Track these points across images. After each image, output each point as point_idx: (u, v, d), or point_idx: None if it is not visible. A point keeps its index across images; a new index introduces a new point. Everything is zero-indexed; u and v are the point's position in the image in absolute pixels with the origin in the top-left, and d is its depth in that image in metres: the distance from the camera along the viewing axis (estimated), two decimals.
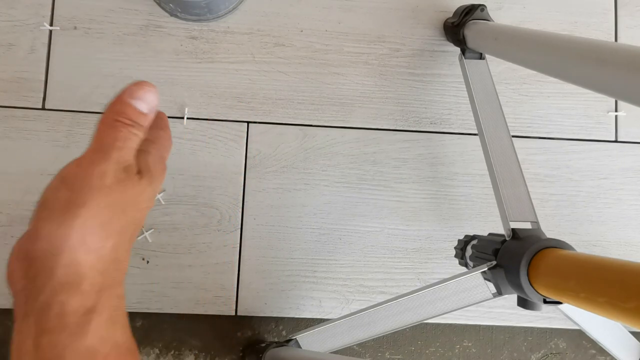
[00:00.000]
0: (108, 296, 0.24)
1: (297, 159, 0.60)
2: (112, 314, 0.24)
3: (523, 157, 0.62)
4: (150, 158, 0.27)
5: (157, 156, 0.28)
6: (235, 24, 0.60)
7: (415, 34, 0.62)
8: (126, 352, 0.24)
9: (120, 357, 0.24)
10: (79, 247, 0.22)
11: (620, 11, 0.65)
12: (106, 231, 0.23)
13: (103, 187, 0.23)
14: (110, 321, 0.23)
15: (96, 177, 0.23)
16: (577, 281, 0.32)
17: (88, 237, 0.23)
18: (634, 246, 0.63)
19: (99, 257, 0.23)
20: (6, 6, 0.57)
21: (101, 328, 0.23)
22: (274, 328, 0.59)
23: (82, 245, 0.22)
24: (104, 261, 0.23)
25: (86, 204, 0.22)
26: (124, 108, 0.25)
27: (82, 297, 0.22)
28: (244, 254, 0.58)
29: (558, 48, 0.38)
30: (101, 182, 0.23)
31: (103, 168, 0.23)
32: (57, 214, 0.22)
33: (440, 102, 0.62)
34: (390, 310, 0.46)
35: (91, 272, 0.23)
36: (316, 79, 0.61)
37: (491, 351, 0.62)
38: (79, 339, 0.22)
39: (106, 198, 0.23)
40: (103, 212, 0.23)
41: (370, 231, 0.60)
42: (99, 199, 0.23)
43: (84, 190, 0.23)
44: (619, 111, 0.64)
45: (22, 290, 0.23)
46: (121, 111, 0.25)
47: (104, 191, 0.23)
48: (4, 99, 0.56)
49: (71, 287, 0.22)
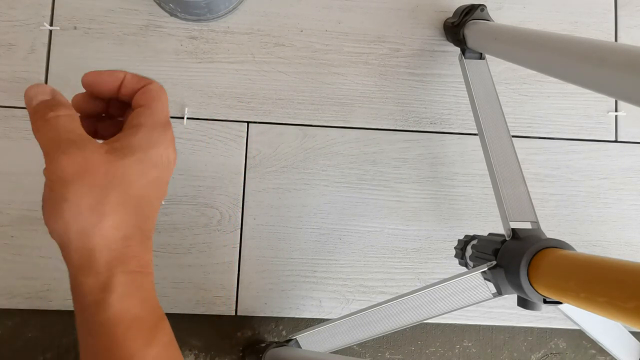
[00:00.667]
0: (121, 272, 0.25)
1: (297, 159, 0.60)
2: (126, 289, 0.25)
3: (523, 157, 0.62)
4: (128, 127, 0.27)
5: (138, 121, 0.28)
6: (235, 24, 0.60)
7: (415, 34, 0.62)
8: (149, 324, 0.26)
9: (143, 328, 0.25)
10: (79, 234, 0.24)
11: (620, 11, 0.65)
12: (98, 214, 0.24)
13: (69, 177, 0.24)
14: (126, 296, 0.25)
15: (60, 171, 0.24)
16: (577, 281, 0.32)
17: (82, 225, 0.24)
18: (634, 246, 0.63)
19: (102, 237, 0.25)
20: (6, 6, 0.57)
21: (117, 303, 0.24)
22: (274, 328, 0.59)
23: (81, 233, 0.24)
24: (109, 241, 0.25)
25: (67, 199, 0.24)
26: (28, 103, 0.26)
27: (95, 277, 0.24)
28: (244, 254, 0.58)
29: (558, 48, 0.38)
30: (64, 173, 0.24)
31: (57, 163, 0.24)
32: (48, 213, 0.24)
33: (440, 102, 0.62)
34: (390, 310, 0.46)
35: (99, 253, 0.24)
36: (316, 79, 0.61)
37: (491, 351, 0.62)
38: (98, 315, 0.24)
39: (81, 187, 0.24)
40: (85, 199, 0.24)
41: (370, 231, 0.60)
42: (74, 189, 0.24)
43: (60, 187, 0.24)
44: (619, 111, 0.64)
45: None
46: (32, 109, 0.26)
47: (75, 180, 0.24)
48: (4, 99, 0.56)
49: (85, 269, 0.24)
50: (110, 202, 0.25)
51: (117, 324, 0.24)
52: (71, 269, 0.25)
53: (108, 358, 0.24)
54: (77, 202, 0.24)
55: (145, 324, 0.26)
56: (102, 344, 0.25)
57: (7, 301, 0.55)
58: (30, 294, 0.55)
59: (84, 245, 0.24)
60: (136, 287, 0.26)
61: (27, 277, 0.55)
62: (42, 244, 0.55)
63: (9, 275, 0.55)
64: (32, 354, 0.56)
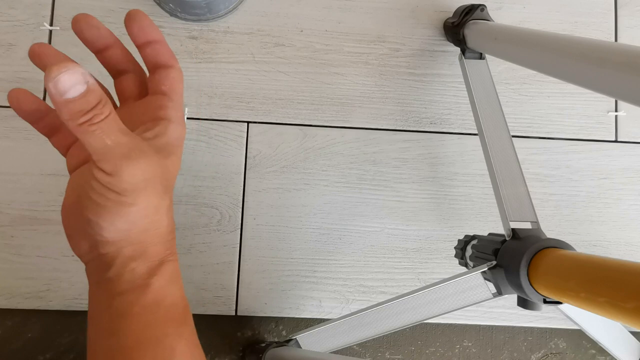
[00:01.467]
0: (167, 262, 0.28)
1: (297, 159, 0.60)
2: (169, 276, 0.28)
3: (523, 157, 0.62)
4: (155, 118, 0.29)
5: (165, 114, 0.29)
6: (235, 24, 0.60)
7: (415, 34, 0.62)
8: (182, 310, 0.29)
9: (177, 313, 0.28)
10: (140, 233, 0.26)
11: (620, 11, 0.65)
12: (159, 214, 0.27)
13: (139, 184, 0.25)
14: (169, 282, 0.28)
15: (128, 179, 0.24)
16: (577, 281, 0.32)
17: (145, 225, 0.26)
18: (634, 246, 0.63)
19: (158, 234, 0.27)
20: (6, 6, 0.57)
21: (161, 287, 0.27)
22: (274, 328, 0.59)
23: (142, 231, 0.26)
24: (163, 235, 0.28)
25: (136, 204, 0.25)
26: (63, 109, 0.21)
27: (147, 265, 0.27)
28: (244, 254, 0.58)
29: (558, 48, 0.38)
30: (134, 181, 0.25)
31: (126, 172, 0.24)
32: (107, 214, 0.25)
33: (440, 102, 0.62)
34: (390, 310, 0.46)
35: (154, 247, 0.27)
36: (316, 79, 0.61)
37: (491, 351, 0.62)
38: (144, 296, 0.27)
39: (148, 192, 0.26)
40: (151, 203, 0.26)
41: (370, 231, 0.60)
42: (143, 195, 0.25)
43: (128, 193, 0.25)
44: (619, 111, 0.64)
45: (91, 262, 0.27)
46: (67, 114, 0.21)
47: (143, 187, 0.25)
48: (4, 99, 0.56)
49: (137, 258, 0.27)
50: (167, 202, 0.28)
51: (158, 306, 0.27)
52: (120, 257, 0.26)
53: (144, 338, 0.26)
54: (145, 206, 0.26)
55: (179, 309, 0.28)
56: (139, 326, 0.26)
57: (7, 301, 0.55)
58: (30, 294, 0.55)
59: (143, 240, 0.27)
60: (175, 275, 0.29)
61: (27, 277, 0.55)
62: (42, 244, 0.55)
63: (8, 275, 0.55)
64: (32, 354, 0.56)
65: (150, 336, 0.27)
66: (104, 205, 0.24)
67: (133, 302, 0.26)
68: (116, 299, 0.26)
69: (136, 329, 0.26)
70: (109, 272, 0.26)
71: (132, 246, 0.26)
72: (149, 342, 0.26)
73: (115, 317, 0.26)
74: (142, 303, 0.26)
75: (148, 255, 0.27)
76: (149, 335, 0.27)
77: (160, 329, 0.27)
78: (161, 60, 0.30)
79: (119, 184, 0.24)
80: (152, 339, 0.27)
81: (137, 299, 0.26)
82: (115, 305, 0.26)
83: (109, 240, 0.26)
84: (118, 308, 0.26)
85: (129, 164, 0.24)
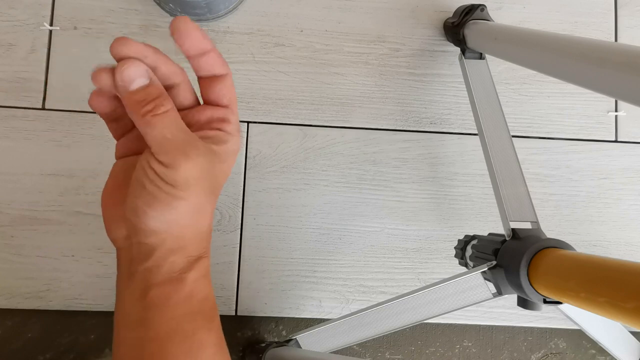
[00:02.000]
0: (203, 260, 0.29)
1: (297, 159, 0.60)
2: (203, 273, 0.29)
3: (523, 157, 0.62)
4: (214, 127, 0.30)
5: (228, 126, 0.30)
6: (235, 24, 0.60)
7: (415, 34, 0.62)
8: (212, 305, 0.30)
9: (208, 308, 0.29)
10: (183, 227, 0.27)
11: (620, 11, 0.65)
12: (204, 213, 0.28)
13: (192, 181, 0.26)
14: (203, 277, 0.29)
15: (184, 174, 0.25)
16: (577, 281, 0.32)
17: (190, 221, 0.27)
18: (634, 246, 0.63)
19: (199, 232, 0.28)
20: (6, 6, 0.57)
21: (196, 282, 0.28)
22: (274, 328, 0.59)
23: (185, 227, 0.27)
24: (203, 232, 0.29)
25: (186, 199, 0.26)
26: (127, 99, 0.25)
27: (186, 259, 0.28)
28: (244, 254, 0.58)
29: (558, 48, 0.38)
30: (188, 177, 0.26)
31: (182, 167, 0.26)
32: (155, 205, 0.26)
33: (440, 102, 0.62)
34: (390, 310, 0.46)
35: (192, 242, 0.28)
36: (316, 79, 0.61)
37: (491, 351, 0.62)
38: (181, 289, 0.27)
39: (199, 189, 0.27)
40: (200, 200, 0.27)
41: (370, 231, 0.60)
42: (194, 191, 0.26)
43: (180, 187, 0.26)
44: (619, 111, 0.64)
45: (126, 249, 0.28)
46: (131, 104, 0.25)
47: (196, 184, 0.26)
48: (4, 99, 0.56)
49: (179, 252, 0.27)
50: (213, 202, 0.29)
51: (192, 300, 0.28)
52: (161, 249, 0.27)
53: (176, 331, 0.27)
54: (194, 203, 0.27)
55: (210, 304, 0.29)
56: (173, 318, 0.27)
57: (7, 301, 0.55)
58: (30, 294, 0.55)
59: (184, 235, 0.27)
60: (208, 270, 0.30)
61: (27, 277, 0.55)
62: (42, 244, 0.55)
63: (8, 275, 0.55)
64: (32, 354, 0.56)
65: (182, 329, 0.27)
66: (156, 195, 0.25)
67: (169, 294, 0.27)
68: (152, 290, 0.27)
69: (169, 320, 0.27)
70: (147, 262, 0.27)
71: (173, 239, 0.27)
72: (181, 335, 0.27)
73: (149, 307, 0.27)
74: (178, 296, 0.27)
75: (187, 251, 0.28)
76: (181, 328, 0.27)
77: (192, 323, 0.28)
78: (217, 70, 0.30)
79: (173, 177, 0.25)
80: (183, 331, 0.27)
81: (174, 292, 0.27)
82: (150, 296, 0.27)
83: (153, 229, 0.26)
84: (153, 299, 0.27)
85: (186, 159, 0.25)
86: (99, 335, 0.57)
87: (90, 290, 0.56)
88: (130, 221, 0.27)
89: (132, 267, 0.28)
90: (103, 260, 0.56)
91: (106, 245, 0.56)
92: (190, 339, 0.28)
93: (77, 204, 0.56)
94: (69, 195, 0.56)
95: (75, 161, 0.56)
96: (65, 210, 0.56)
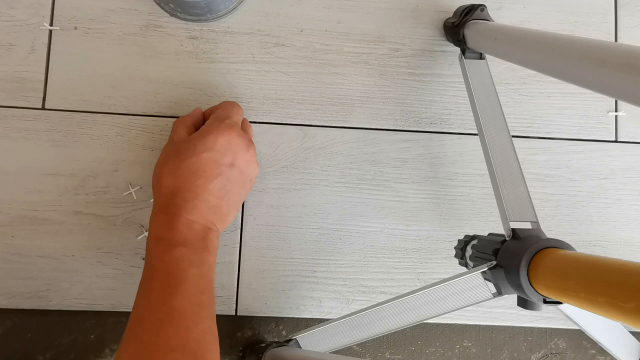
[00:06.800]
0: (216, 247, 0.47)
1: (297, 159, 0.60)
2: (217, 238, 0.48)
3: (523, 157, 0.62)
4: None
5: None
6: (235, 24, 0.60)
7: (415, 34, 0.62)
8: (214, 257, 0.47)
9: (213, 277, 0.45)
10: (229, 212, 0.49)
11: (620, 11, 0.65)
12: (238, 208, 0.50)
13: (253, 167, 0.52)
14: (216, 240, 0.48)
15: (249, 161, 0.51)
16: (577, 281, 0.32)
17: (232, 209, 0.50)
18: (634, 246, 0.63)
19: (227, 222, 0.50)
20: (6, 6, 0.57)
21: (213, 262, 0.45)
22: (274, 328, 0.59)
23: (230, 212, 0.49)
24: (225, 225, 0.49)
25: (253, 180, 0.52)
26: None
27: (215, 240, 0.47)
28: (244, 254, 0.58)
29: (558, 48, 0.38)
30: (252, 163, 0.51)
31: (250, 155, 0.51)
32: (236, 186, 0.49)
33: (440, 102, 0.62)
34: (390, 310, 0.46)
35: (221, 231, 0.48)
36: (316, 79, 0.61)
37: (491, 351, 0.62)
38: (211, 246, 0.45)
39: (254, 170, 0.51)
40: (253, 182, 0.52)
41: (370, 231, 0.60)
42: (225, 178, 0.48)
43: (249, 172, 0.50)
44: (619, 111, 0.64)
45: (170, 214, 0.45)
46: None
47: (255, 169, 0.52)
48: (4, 99, 0.56)
49: (218, 233, 0.48)
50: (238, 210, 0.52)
51: (212, 266, 0.45)
52: (215, 230, 0.46)
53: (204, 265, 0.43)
54: (251, 185, 0.51)
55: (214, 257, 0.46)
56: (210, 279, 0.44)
57: (7, 301, 0.55)
58: (30, 294, 0.55)
59: (229, 222, 0.50)
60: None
61: (27, 277, 0.55)
62: (42, 244, 0.55)
63: (9, 275, 0.55)
64: (32, 354, 0.56)
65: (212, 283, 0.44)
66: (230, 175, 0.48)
67: (213, 263, 0.44)
68: (210, 258, 0.44)
69: (209, 280, 0.43)
70: (207, 239, 0.45)
71: (222, 223, 0.48)
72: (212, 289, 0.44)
73: (206, 272, 0.43)
74: (206, 253, 0.44)
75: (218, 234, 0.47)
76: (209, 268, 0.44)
77: (211, 270, 0.44)
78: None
79: (242, 164, 0.49)
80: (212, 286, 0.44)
81: (214, 260, 0.45)
82: (209, 262, 0.44)
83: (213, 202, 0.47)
84: (210, 265, 0.44)
85: (250, 151, 0.50)
86: (99, 335, 0.57)
87: (90, 290, 0.56)
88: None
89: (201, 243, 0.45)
90: (103, 260, 0.56)
91: (106, 245, 0.56)
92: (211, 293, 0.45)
93: (77, 204, 0.56)
94: (68, 195, 0.56)
95: (75, 161, 0.56)
96: (65, 210, 0.56)
